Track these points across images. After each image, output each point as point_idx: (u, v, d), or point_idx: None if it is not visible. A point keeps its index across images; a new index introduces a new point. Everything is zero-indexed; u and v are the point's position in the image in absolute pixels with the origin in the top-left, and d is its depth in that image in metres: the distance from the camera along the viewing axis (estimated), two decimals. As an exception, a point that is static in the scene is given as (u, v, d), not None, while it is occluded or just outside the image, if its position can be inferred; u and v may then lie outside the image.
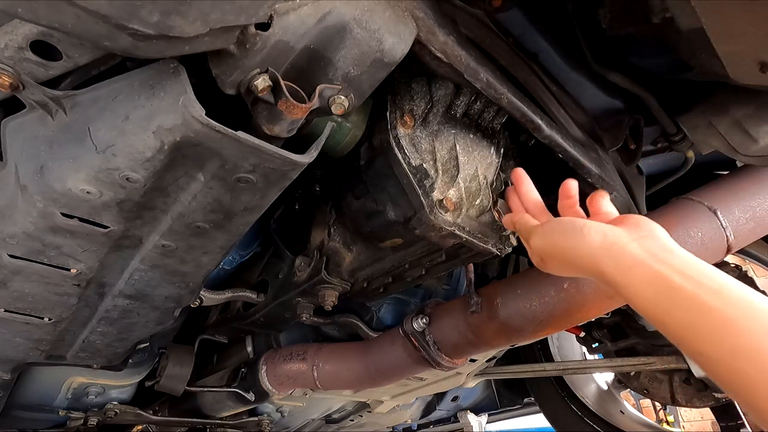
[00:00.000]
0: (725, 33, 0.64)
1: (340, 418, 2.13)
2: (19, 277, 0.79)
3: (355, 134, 0.87)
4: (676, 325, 0.52)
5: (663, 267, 0.54)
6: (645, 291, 0.55)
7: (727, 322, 0.48)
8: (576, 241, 0.63)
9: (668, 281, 0.53)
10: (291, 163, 0.65)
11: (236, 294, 1.26)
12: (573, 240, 0.64)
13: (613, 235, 0.61)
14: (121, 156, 0.60)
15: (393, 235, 0.93)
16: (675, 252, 0.57)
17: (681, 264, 0.54)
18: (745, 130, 0.91)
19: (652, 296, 0.54)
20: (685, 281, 0.52)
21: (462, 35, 0.75)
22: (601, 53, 0.92)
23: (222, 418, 1.71)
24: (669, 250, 0.57)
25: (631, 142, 1.05)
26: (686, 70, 0.87)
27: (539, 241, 0.70)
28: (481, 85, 0.74)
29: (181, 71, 0.57)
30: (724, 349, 0.48)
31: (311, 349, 1.37)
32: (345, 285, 1.09)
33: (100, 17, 0.44)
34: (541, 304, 0.99)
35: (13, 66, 0.57)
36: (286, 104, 0.57)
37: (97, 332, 1.00)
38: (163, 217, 0.74)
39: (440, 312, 1.17)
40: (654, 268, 0.55)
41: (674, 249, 0.57)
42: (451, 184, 0.85)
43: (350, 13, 0.58)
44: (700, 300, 0.50)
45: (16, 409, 1.42)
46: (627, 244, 0.59)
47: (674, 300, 0.52)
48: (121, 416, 1.55)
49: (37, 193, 0.64)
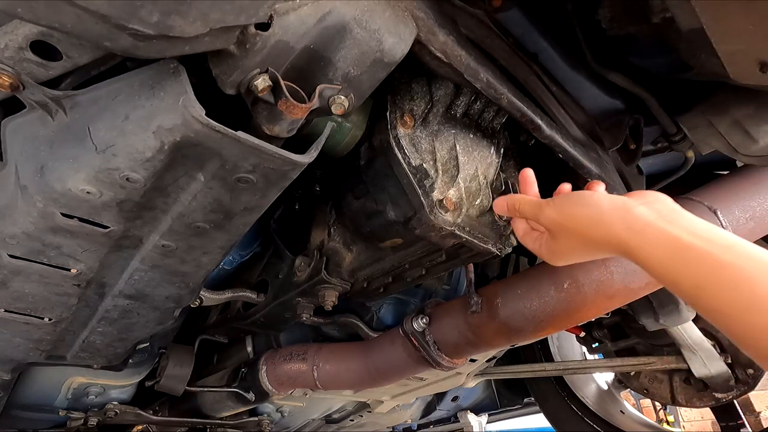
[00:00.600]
0: (725, 33, 0.64)
1: (340, 418, 2.13)
2: (19, 277, 0.79)
3: (355, 134, 0.87)
4: (690, 284, 0.52)
5: (673, 227, 0.55)
6: (657, 252, 0.55)
7: (741, 277, 0.48)
8: (589, 208, 0.64)
9: (679, 240, 0.53)
10: (291, 163, 0.65)
11: (236, 294, 1.26)
12: (586, 208, 0.64)
13: (622, 200, 0.62)
14: (121, 156, 0.60)
15: (393, 235, 0.93)
16: (683, 213, 0.58)
17: (690, 224, 0.55)
18: (745, 130, 0.91)
19: (664, 257, 0.54)
20: (695, 239, 0.52)
21: (462, 35, 0.75)
22: (601, 53, 0.92)
23: (222, 418, 1.71)
24: (677, 211, 0.58)
25: (631, 142, 1.05)
26: (686, 70, 0.87)
27: (552, 213, 0.68)
28: (481, 85, 0.74)
29: (181, 71, 0.57)
30: (739, 304, 0.48)
31: (311, 349, 1.36)
32: (345, 285, 1.09)
33: (100, 17, 0.44)
34: (541, 304, 0.99)
35: (13, 66, 0.57)
36: (286, 104, 0.57)
37: (97, 332, 1.00)
38: (163, 217, 0.73)
39: (440, 312, 1.17)
40: (664, 228, 0.55)
41: (682, 210, 0.58)
42: (451, 184, 0.85)
43: (350, 13, 0.58)
44: (712, 257, 0.50)
45: (17, 409, 1.42)
46: (636, 207, 0.60)
47: (686, 259, 0.52)
48: (121, 416, 1.55)
49: (37, 193, 0.64)
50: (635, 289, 0.95)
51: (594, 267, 0.95)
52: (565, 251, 0.69)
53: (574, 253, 0.69)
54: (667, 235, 0.55)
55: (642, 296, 0.98)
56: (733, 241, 0.51)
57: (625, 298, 0.96)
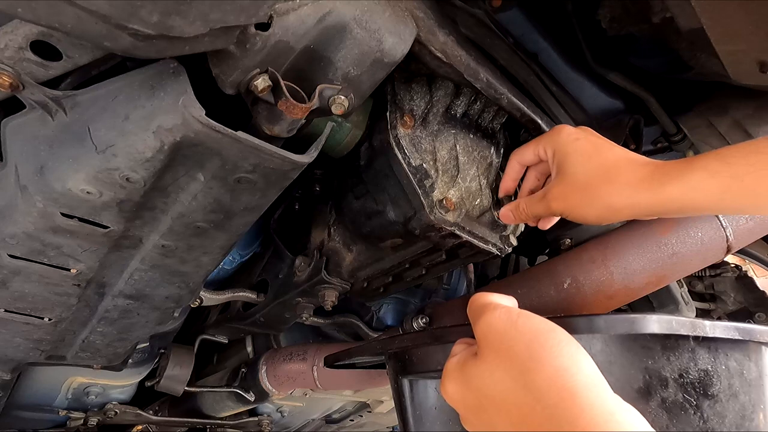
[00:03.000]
0: (725, 33, 0.64)
1: (340, 418, 2.12)
2: (19, 277, 0.79)
3: (355, 134, 0.87)
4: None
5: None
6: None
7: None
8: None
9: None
10: (291, 163, 0.65)
11: (236, 294, 1.26)
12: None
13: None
14: (121, 156, 0.60)
15: (393, 235, 0.93)
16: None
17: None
18: (745, 130, 0.91)
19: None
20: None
21: (462, 35, 0.75)
22: (601, 53, 0.92)
23: (222, 418, 1.71)
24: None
25: (631, 142, 1.05)
26: (686, 70, 0.87)
27: (556, 190, 0.70)
28: (481, 85, 0.74)
29: (181, 71, 0.57)
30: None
31: (311, 349, 1.37)
32: (345, 285, 1.09)
33: (100, 17, 0.44)
34: (541, 304, 0.99)
35: (13, 66, 0.57)
36: (286, 104, 0.57)
37: (97, 332, 1.00)
38: (163, 217, 0.73)
39: (440, 312, 1.17)
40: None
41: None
42: (451, 184, 0.85)
43: (350, 13, 0.58)
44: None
45: (16, 409, 1.41)
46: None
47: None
48: (121, 416, 1.55)
49: (37, 193, 0.64)
50: (635, 289, 0.95)
51: (594, 267, 0.95)
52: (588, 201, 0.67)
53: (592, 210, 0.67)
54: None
55: (642, 296, 0.98)
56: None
57: (625, 298, 0.96)
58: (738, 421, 0.56)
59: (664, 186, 0.59)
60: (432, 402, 0.71)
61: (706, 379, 0.55)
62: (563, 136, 0.70)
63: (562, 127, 0.72)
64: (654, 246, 0.90)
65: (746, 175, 0.55)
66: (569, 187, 0.67)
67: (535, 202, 0.74)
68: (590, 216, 0.67)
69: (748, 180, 0.55)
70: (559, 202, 0.69)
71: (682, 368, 0.54)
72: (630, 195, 0.62)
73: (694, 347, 0.55)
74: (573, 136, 0.69)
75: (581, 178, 0.66)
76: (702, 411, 0.54)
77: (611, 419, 0.40)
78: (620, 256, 0.91)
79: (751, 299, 1.50)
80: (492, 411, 0.47)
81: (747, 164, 0.55)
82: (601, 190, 0.64)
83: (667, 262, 0.90)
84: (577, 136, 0.69)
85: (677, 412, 0.53)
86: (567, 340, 0.46)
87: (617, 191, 0.63)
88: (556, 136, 0.71)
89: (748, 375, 0.58)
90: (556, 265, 0.98)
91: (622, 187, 0.63)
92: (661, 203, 0.61)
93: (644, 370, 0.54)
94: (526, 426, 0.43)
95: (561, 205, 0.69)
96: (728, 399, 0.56)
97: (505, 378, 0.45)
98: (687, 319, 0.54)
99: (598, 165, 0.65)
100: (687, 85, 0.97)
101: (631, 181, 0.62)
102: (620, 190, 0.63)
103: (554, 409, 0.41)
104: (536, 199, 0.73)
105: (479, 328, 0.50)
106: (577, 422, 0.40)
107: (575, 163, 0.67)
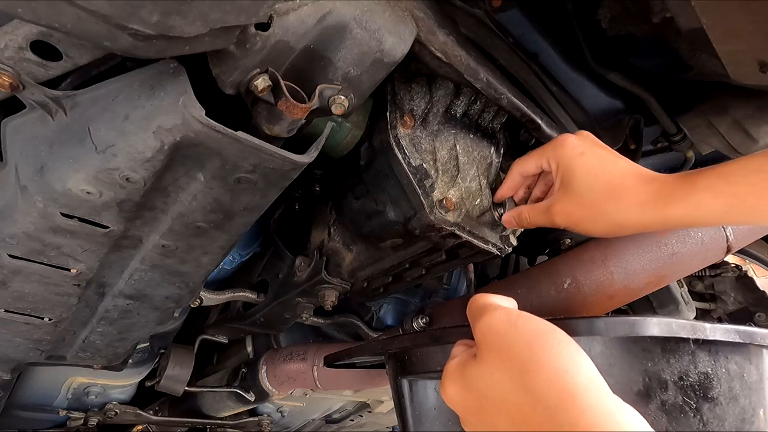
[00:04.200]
0: (725, 33, 0.64)
1: (340, 418, 2.12)
2: (19, 277, 0.79)
3: (355, 134, 0.87)
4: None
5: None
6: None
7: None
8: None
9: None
10: (291, 163, 0.65)
11: (236, 294, 1.26)
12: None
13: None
14: (121, 156, 0.60)
15: (393, 235, 0.93)
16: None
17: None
18: (745, 130, 0.91)
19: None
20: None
21: (462, 35, 0.75)
22: (601, 53, 0.92)
23: (222, 418, 1.71)
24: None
25: (631, 142, 1.05)
26: (686, 70, 0.87)
27: (560, 205, 0.70)
28: (481, 85, 0.74)
29: (181, 71, 0.57)
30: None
31: (311, 349, 1.37)
32: (345, 285, 1.09)
33: (100, 17, 0.44)
34: (541, 304, 0.99)
35: (13, 66, 0.57)
36: (286, 104, 0.57)
37: (97, 332, 1.00)
38: (163, 217, 0.73)
39: (440, 312, 1.17)
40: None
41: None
42: (451, 184, 0.85)
43: (350, 13, 0.58)
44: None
45: (16, 409, 1.42)
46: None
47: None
48: (121, 416, 1.55)
49: (37, 194, 0.64)
50: (635, 289, 0.95)
51: (594, 267, 0.95)
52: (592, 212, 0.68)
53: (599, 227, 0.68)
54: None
55: (642, 296, 0.98)
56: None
57: (626, 297, 0.96)
58: (738, 425, 0.56)
59: (669, 206, 0.61)
60: (432, 402, 0.71)
61: (706, 382, 0.55)
62: (567, 149, 0.70)
63: (566, 139, 0.72)
64: (654, 246, 0.90)
65: (748, 195, 0.56)
66: (574, 203, 0.68)
67: (538, 213, 0.74)
68: (595, 231, 0.68)
69: (750, 200, 0.56)
70: (563, 216, 0.69)
71: (682, 371, 0.54)
72: (636, 214, 0.63)
73: (694, 350, 0.55)
74: (578, 150, 0.69)
75: (587, 196, 0.67)
76: (702, 414, 0.54)
77: (612, 420, 0.40)
78: (620, 256, 0.91)
79: (751, 299, 1.50)
80: (492, 412, 0.47)
81: (748, 184, 0.56)
82: (607, 208, 0.65)
83: (667, 262, 0.90)
84: (582, 149, 0.69)
85: (677, 415, 0.53)
86: (566, 341, 0.46)
87: (624, 210, 0.64)
88: (561, 148, 0.71)
89: (749, 378, 0.58)
90: (556, 265, 0.98)
91: (629, 206, 0.63)
92: (666, 221, 0.62)
93: (644, 373, 0.54)
94: (526, 427, 0.43)
95: (565, 220, 0.70)
96: (728, 402, 0.56)
97: (505, 379, 0.45)
98: (687, 321, 0.54)
99: (604, 182, 0.65)
100: (687, 85, 0.97)
101: (637, 200, 0.63)
102: (626, 208, 0.63)
103: (555, 410, 0.41)
104: (540, 210, 0.73)
105: (479, 330, 0.50)
106: (578, 423, 0.40)
107: (581, 181, 0.67)
